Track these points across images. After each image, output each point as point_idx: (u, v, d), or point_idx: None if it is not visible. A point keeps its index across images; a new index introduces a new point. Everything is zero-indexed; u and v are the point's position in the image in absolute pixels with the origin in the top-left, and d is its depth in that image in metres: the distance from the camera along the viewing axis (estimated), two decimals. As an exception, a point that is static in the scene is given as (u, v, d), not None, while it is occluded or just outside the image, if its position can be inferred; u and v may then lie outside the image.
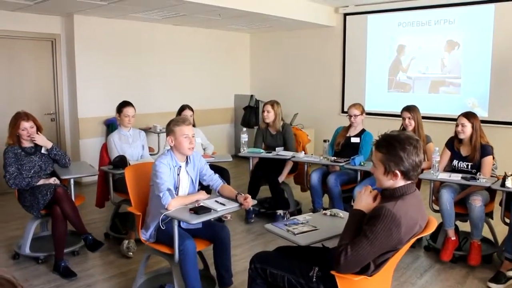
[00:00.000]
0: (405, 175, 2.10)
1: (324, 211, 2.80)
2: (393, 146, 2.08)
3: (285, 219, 4.89)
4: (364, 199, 2.22)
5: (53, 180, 3.85)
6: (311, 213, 2.89)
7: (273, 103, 5.13)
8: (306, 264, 2.33)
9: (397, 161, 2.07)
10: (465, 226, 4.13)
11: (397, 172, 2.09)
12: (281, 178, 5.05)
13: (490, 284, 3.46)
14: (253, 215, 4.98)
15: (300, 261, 2.39)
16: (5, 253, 4.07)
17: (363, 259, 2.03)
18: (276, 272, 2.36)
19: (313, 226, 2.54)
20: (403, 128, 4.47)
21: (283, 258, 2.47)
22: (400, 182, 2.12)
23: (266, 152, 5.03)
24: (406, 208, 2.05)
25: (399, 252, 2.10)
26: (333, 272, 2.09)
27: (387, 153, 2.10)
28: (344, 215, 2.74)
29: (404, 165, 2.07)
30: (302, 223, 2.58)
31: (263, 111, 5.14)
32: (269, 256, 2.53)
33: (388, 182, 2.13)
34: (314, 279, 2.24)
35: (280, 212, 4.90)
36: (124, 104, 4.45)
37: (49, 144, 3.95)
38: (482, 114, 6.08)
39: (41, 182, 3.80)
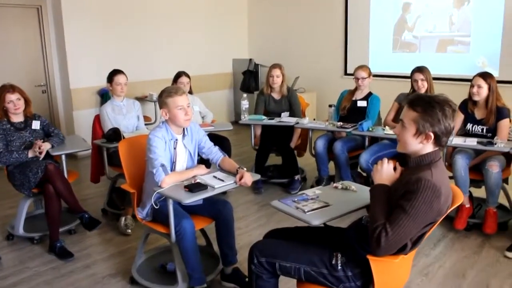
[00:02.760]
0: (438, 139, 1.90)
1: (335, 184, 2.57)
2: (431, 106, 1.88)
3: (301, 184, 4.82)
4: (385, 172, 2.03)
5: (41, 142, 3.58)
6: (320, 186, 2.67)
7: (281, 66, 4.85)
8: (324, 251, 2.08)
9: (434, 122, 1.87)
10: (478, 192, 3.94)
11: (431, 134, 1.89)
12: (292, 144, 4.84)
13: (508, 254, 3.30)
14: (262, 185, 4.78)
15: (315, 248, 2.13)
16: (-1, 233, 3.91)
17: (404, 237, 1.83)
18: (288, 264, 2.09)
19: (325, 202, 2.30)
20: (413, 90, 4.21)
21: (292, 247, 2.16)
22: (428, 147, 1.93)
23: (268, 119, 4.79)
24: (442, 176, 1.88)
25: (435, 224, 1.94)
26: (369, 256, 1.88)
27: (423, 112, 1.89)
28: (357, 187, 2.51)
29: (440, 127, 1.88)
30: (312, 199, 2.35)
31: (270, 76, 4.83)
32: (273, 247, 2.20)
33: (417, 146, 1.93)
34: (339, 267, 2.01)
35: (297, 176, 4.76)
36: (115, 72, 4.22)
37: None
38: (493, 73, 5.74)
39: (31, 154, 3.57)
